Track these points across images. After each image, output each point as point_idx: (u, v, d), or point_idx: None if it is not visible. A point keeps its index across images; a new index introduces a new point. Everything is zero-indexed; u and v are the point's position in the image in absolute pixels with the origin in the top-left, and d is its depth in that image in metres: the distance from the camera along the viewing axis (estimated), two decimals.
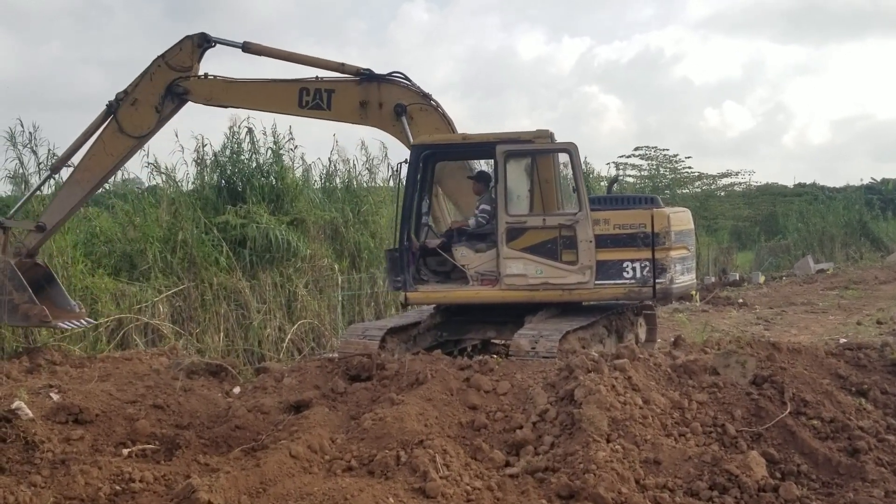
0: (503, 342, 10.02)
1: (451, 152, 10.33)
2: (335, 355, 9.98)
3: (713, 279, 25.22)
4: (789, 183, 46.68)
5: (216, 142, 17.84)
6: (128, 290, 12.69)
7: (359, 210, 17.32)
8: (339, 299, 15.33)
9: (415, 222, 9.98)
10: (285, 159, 16.55)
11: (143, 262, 13.51)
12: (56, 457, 6.25)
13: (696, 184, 34.49)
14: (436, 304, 10.32)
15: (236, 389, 8.56)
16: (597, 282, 9.27)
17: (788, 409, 6.68)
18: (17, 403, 6.96)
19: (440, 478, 5.67)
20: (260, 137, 16.25)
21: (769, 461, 6.10)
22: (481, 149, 10.13)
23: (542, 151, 9.85)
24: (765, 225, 36.71)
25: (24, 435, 6.46)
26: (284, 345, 13.22)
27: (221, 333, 13.07)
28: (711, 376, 7.22)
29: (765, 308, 18.30)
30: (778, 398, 6.85)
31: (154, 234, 14.03)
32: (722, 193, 35.88)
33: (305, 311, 14.27)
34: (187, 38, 10.48)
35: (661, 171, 33.02)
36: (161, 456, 6.64)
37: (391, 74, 10.21)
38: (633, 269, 9.24)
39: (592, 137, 76.70)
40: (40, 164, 13.76)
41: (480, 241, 9.81)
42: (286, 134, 16.70)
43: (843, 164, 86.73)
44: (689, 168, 33.52)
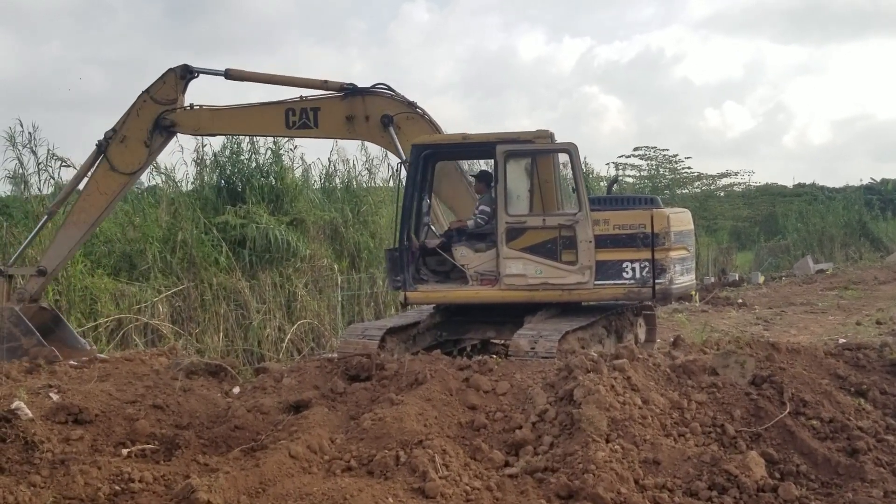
0: (503, 342, 10.02)
1: (451, 152, 10.34)
2: (335, 355, 9.97)
3: (713, 279, 25.22)
4: (789, 183, 46.73)
5: (216, 142, 17.86)
6: (127, 291, 12.71)
7: (358, 210, 17.35)
8: (339, 299, 15.34)
9: (415, 222, 9.98)
10: (285, 159, 16.62)
11: (143, 263, 13.53)
12: (55, 457, 6.24)
13: (696, 184, 34.55)
14: (435, 304, 10.32)
15: (236, 389, 8.56)
16: (596, 282, 9.27)
17: (787, 410, 6.68)
18: (16, 403, 6.96)
19: (439, 478, 5.67)
20: (259, 138, 16.28)
21: (768, 461, 6.10)
22: (481, 149, 10.14)
23: (542, 151, 9.86)
24: (764, 225, 36.72)
25: (24, 435, 6.45)
26: (284, 345, 13.23)
27: (221, 333, 13.08)
28: (711, 376, 7.22)
29: (764, 308, 18.31)
30: (777, 398, 6.86)
31: (154, 234, 14.05)
32: (721, 194, 35.91)
33: (305, 311, 14.28)
34: (170, 70, 10.59)
35: (661, 171, 33.06)
36: (160, 456, 6.64)
37: (374, 86, 10.33)
38: (633, 269, 9.25)
39: (593, 138, 76.67)
40: (40, 164, 13.81)
41: (480, 241, 9.81)
42: None
43: (843, 165, 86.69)
44: (689, 168, 33.59)
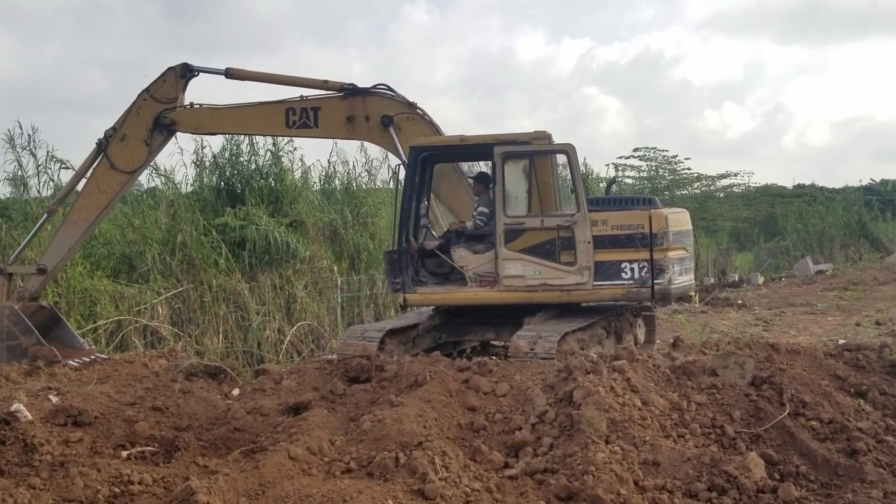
0: (502, 343, 10.03)
1: (449, 154, 10.35)
2: (334, 357, 9.98)
3: (712, 280, 25.24)
4: (789, 184, 46.73)
5: (215, 143, 17.91)
6: (127, 292, 12.70)
7: (358, 212, 17.35)
8: (339, 301, 15.34)
9: (413, 224, 9.99)
10: (284, 161, 16.62)
11: (143, 264, 13.52)
12: (55, 459, 6.24)
13: (695, 185, 34.51)
14: (435, 306, 10.33)
15: (235, 391, 8.55)
16: (595, 283, 9.28)
17: (787, 410, 6.68)
18: (16, 406, 6.95)
19: (439, 479, 5.66)
20: (259, 139, 16.29)
21: (768, 462, 6.10)
22: (479, 150, 10.14)
23: (540, 153, 9.87)
24: (764, 226, 36.70)
25: (23, 437, 6.45)
26: (284, 346, 13.23)
27: (220, 335, 13.08)
28: (710, 377, 7.22)
29: (764, 309, 18.31)
30: (777, 399, 6.85)
31: (153, 235, 14.05)
32: (721, 195, 35.86)
33: (305, 312, 14.28)
34: (170, 69, 10.60)
35: (661, 172, 33.03)
36: (160, 458, 6.63)
37: (375, 87, 10.32)
38: (632, 269, 9.25)
39: (592, 139, 76.75)
40: (39, 166, 13.81)
41: (479, 243, 9.82)
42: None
43: (843, 166, 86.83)
44: (688, 169, 33.54)
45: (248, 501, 5.50)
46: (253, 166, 16.21)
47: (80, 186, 10.91)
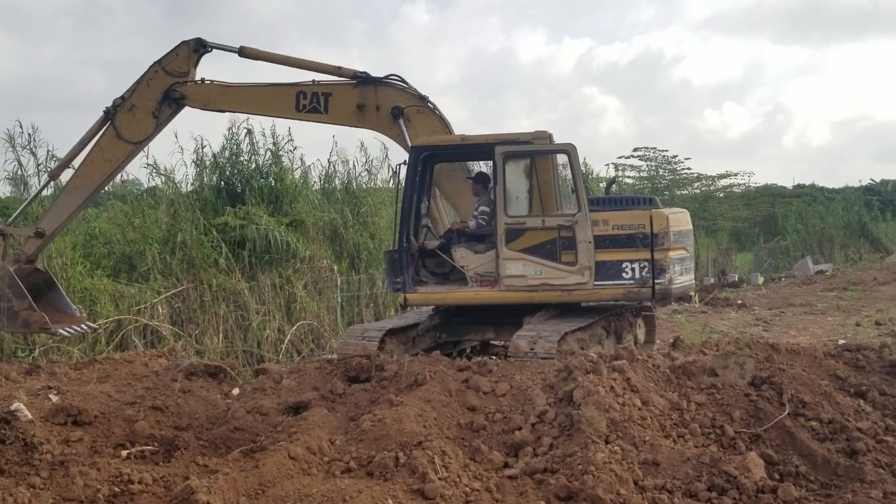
0: (502, 343, 10.02)
1: (449, 153, 10.34)
2: (334, 356, 9.98)
3: (712, 280, 25.23)
4: (789, 184, 46.75)
5: (215, 143, 17.89)
6: (127, 292, 12.69)
7: (358, 211, 17.34)
8: (339, 300, 15.34)
9: (414, 223, 9.98)
10: (284, 160, 16.59)
11: (143, 264, 13.51)
12: (55, 458, 6.24)
13: (695, 185, 34.52)
14: (435, 306, 10.32)
15: (235, 391, 8.55)
16: (596, 282, 9.27)
17: (787, 411, 6.68)
18: (16, 405, 6.96)
19: (439, 479, 5.67)
20: (259, 139, 16.30)
21: (768, 462, 6.10)
22: (480, 150, 10.13)
23: (541, 152, 9.87)
24: (764, 226, 36.69)
25: (23, 436, 6.45)
26: (283, 346, 13.22)
27: (220, 335, 13.07)
28: (710, 377, 7.22)
29: (764, 309, 18.30)
30: (776, 399, 6.86)
31: (153, 235, 14.04)
32: (721, 195, 35.86)
33: (304, 312, 14.27)
34: (183, 43, 10.49)
35: (661, 172, 33.03)
36: (160, 457, 6.63)
37: (388, 77, 10.21)
38: (632, 269, 9.25)
39: (592, 139, 76.86)
40: (39, 165, 13.79)
41: (479, 243, 9.82)
42: (285, 135, 16.75)
43: (843, 165, 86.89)
44: (688, 169, 33.56)
45: (248, 501, 5.50)
46: (253, 166, 16.19)
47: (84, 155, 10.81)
